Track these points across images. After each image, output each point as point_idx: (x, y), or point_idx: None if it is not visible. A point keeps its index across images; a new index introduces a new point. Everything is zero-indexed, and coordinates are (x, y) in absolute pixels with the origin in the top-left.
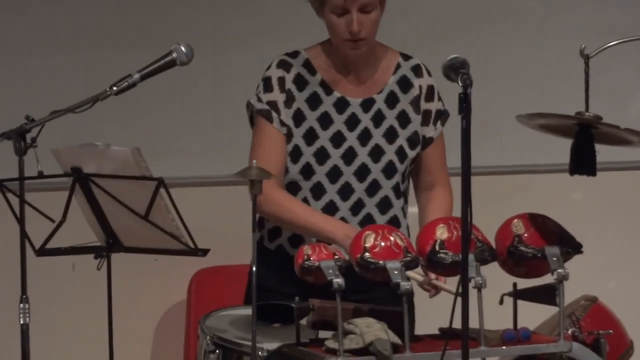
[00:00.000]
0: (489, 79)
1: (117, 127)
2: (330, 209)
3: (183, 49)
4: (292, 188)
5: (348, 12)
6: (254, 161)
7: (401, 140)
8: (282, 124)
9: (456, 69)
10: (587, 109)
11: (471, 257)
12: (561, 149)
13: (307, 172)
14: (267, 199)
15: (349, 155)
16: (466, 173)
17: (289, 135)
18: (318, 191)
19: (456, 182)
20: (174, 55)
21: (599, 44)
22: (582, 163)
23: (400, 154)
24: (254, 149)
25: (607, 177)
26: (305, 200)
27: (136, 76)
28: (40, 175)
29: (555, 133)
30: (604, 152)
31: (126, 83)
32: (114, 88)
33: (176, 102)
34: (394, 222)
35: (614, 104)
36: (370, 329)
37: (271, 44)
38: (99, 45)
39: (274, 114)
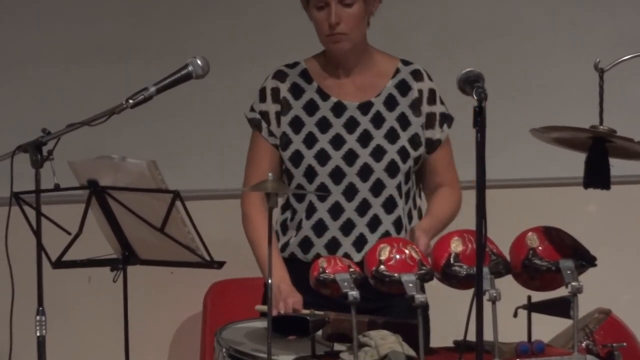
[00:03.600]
0: (503, 92)
1: (133, 140)
2: (336, 211)
3: (199, 62)
4: (298, 198)
5: (329, 4)
6: (270, 174)
7: (403, 141)
8: (271, 133)
9: (471, 83)
10: (601, 122)
11: (485, 270)
12: (575, 162)
13: (310, 174)
14: (243, 208)
15: (350, 156)
16: (481, 186)
17: (287, 142)
18: (322, 199)
19: (471, 195)
20: (190, 68)
21: (613, 58)
22: (597, 176)
23: (403, 153)
24: (247, 160)
25: (621, 190)
26: (310, 204)
27: (152, 89)
28: (57, 187)
29: (569, 146)
30: (618, 166)
31: (142, 96)
32: (130, 101)
33: (192, 116)
34: (398, 224)
35: (628, 118)
36: (385, 342)
37: (284, 60)
38: (115, 58)
39: (264, 124)
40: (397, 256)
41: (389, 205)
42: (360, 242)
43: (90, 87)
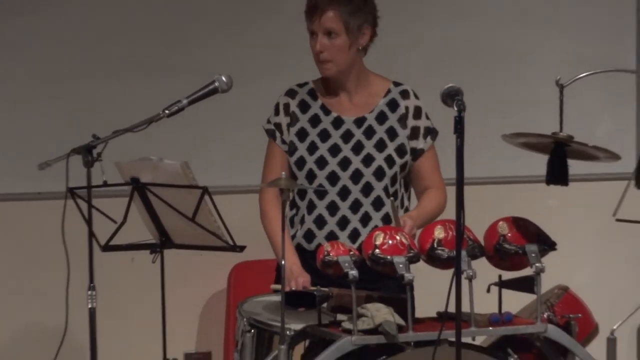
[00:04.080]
0: (479, 104)
1: (169, 144)
2: (332, 208)
3: (224, 78)
4: (301, 191)
5: (314, 32)
6: (283, 173)
7: (390, 150)
8: (283, 142)
9: (452, 96)
10: (561, 130)
11: (463, 253)
12: (539, 163)
13: (310, 176)
14: (261, 202)
15: (345, 163)
16: (460, 183)
17: (294, 149)
18: (321, 193)
19: (451, 191)
20: (216, 84)
21: (572, 75)
22: (557, 175)
23: (389, 161)
24: (264, 163)
25: (577, 187)
26: (310, 201)
27: (184, 101)
28: (105, 184)
29: (534, 150)
30: (575, 166)
31: (176, 107)
32: (166, 111)
33: (218, 123)
34: (386, 219)
35: (583, 126)
36: (380, 313)
37: (294, 75)
38: (150, 73)
39: (277, 134)
40: (390, 241)
41: (378, 204)
42: (354, 235)
43: (130, 98)
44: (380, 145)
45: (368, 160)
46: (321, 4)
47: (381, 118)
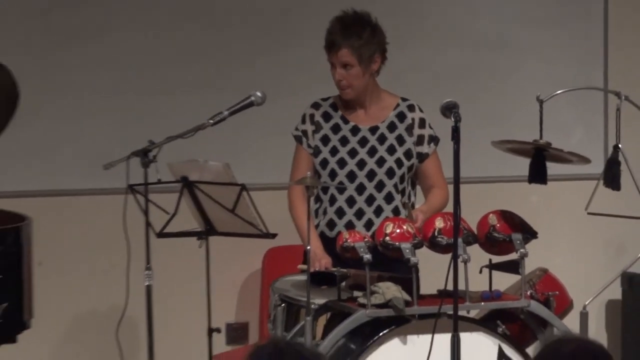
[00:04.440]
0: (472, 116)
1: (213, 148)
2: (350, 202)
3: (259, 94)
4: (324, 187)
5: (334, 64)
6: (308, 172)
7: (399, 154)
8: (309, 146)
9: (450, 109)
10: (541, 137)
11: (460, 240)
12: (522, 165)
13: (332, 175)
14: (289, 198)
15: (361, 164)
16: (456, 181)
17: (318, 152)
18: (341, 189)
19: (450, 188)
20: (252, 98)
21: (549, 92)
22: (537, 175)
23: (398, 162)
24: (292, 164)
25: (555, 185)
26: (332, 196)
27: (225, 112)
28: (159, 181)
29: (518, 154)
30: (552, 168)
31: (219, 117)
32: (210, 121)
33: (254, 130)
34: (396, 211)
35: (559, 134)
36: (390, 290)
37: (317, 91)
38: (197, 89)
39: (304, 139)
40: (398, 230)
41: (389, 198)
42: (369, 224)
43: (180, 110)
44: (391, 150)
45: (381, 162)
46: (337, 41)
47: (391, 127)
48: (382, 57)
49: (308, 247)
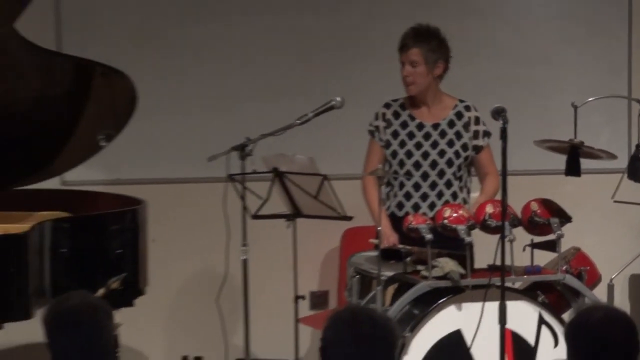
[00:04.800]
0: (517, 119)
1: (301, 143)
2: (416, 187)
3: (339, 99)
4: (393, 177)
5: (403, 63)
6: (380, 165)
7: (457, 147)
8: (380, 139)
9: (499, 113)
10: (575, 137)
11: (507, 223)
12: (559, 160)
13: (401, 164)
14: (363, 186)
15: (425, 155)
16: (504, 173)
17: (389, 145)
18: (408, 178)
19: (500, 178)
20: (333, 103)
21: (582, 100)
22: (572, 169)
23: (457, 154)
24: (366, 155)
25: (586, 177)
26: (401, 182)
27: (310, 114)
28: (254, 172)
29: (556, 151)
30: (584, 163)
31: (305, 118)
32: (298, 121)
33: (334, 129)
34: (454, 195)
35: (590, 135)
36: (447, 264)
37: (393, 93)
38: (286, 94)
39: (376, 134)
40: (455, 214)
41: (448, 184)
42: (432, 206)
43: (271, 111)
44: (450, 143)
45: (442, 153)
46: (409, 43)
47: (451, 124)
48: (444, 66)
49: (379, 228)
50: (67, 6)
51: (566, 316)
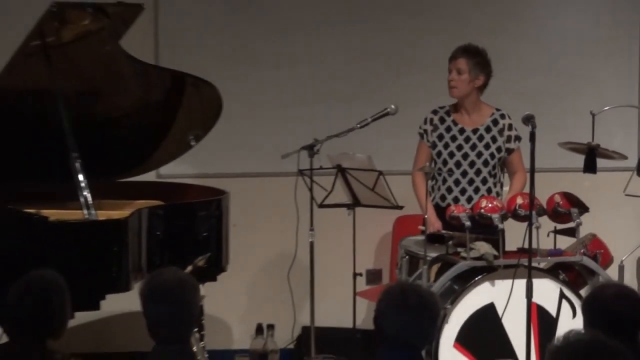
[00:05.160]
0: (544, 124)
1: (359, 144)
2: (456, 183)
3: (393, 106)
4: (438, 173)
5: (450, 70)
6: (427, 163)
7: (492, 149)
8: (428, 141)
9: (529, 119)
10: (592, 140)
11: (534, 213)
12: (579, 159)
13: (444, 163)
14: (413, 180)
15: (465, 156)
16: (532, 170)
17: (434, 146)
18: (450, 173)
19: (527, 175)
20: (388, 110)
21: (599, 108)
22: (589, 167)
23: (492, 155)
24: (416, 153)
25: (601, 174)
26: (444, 178)
27: (369, 119)
28: (321, 167)
29: (577, 152)
30: (600, 162)
31: (364, 122)
32: (358, 125)
33: (388, 131)
34: (489, 190)
35: (605, 138)
36: (483, 247)
37: (435, 102)
38: (347, 101)
39: (425, 136)
40: (490, 205)
41: (484, 181)
42: (469, 199)
43: (336, 116)
44: (487, 146)
45: (479, 155)
46: (458, 54)
47: (488, 130)
48: (485, 80)
49: (426, 216)
50: (163, 25)
51: (583, 292)
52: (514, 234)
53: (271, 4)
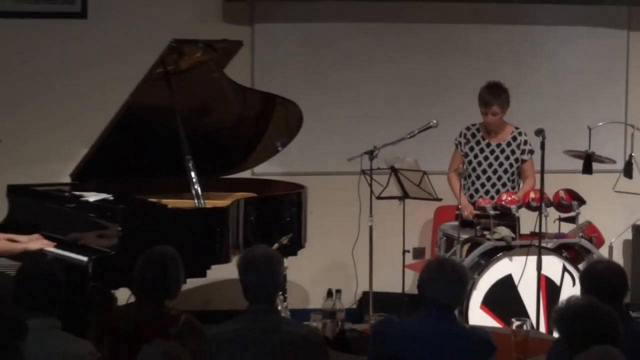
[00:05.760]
0: (552, 136)
1: (409, 150)
2: (482, 186)
3: (435, 121)
4: (468, 175)
5: (487, 114)
6: (461, 165)
7: (511, 160)
8: (461, 150)
9: (540, 132)
10: (589, 148)
11: (543, 204)
12: (579, 163)
13: (473, 170)
14: (449, 178)
15: (490, 165)
16: (542, 171)
17: (466, 155)
18: (478, 178)
19: (537, 176)
20: (431, 124)
21: (595, 123)
22: (587, 169)
23: (510, 165)
24: (451, 159)
25: (596, 175)
26: (472, 181)
27: (416, 131)
28: (378, 168)
29: (578, 157)
30: (595, 166)
31: (412, 134)
32: (408, 135)
33: (431, 141)
34: (513, 183)
35: (599, 147)
36: (503, 231)
37: (468, 120)
38: (398, 116)
39: (458, 146)
40: (509, 198)
41: (504, 185)
42: (492, 198)
43: (389, 127)
44: (507, 157)
45: (501, 164)
46: (490, 101)
47: (508, 144)
48: (508, 108)
49: (459, 205)
50: (258, 57)
51: (581, 266)
52: (527, 221)
53: (339, 41)
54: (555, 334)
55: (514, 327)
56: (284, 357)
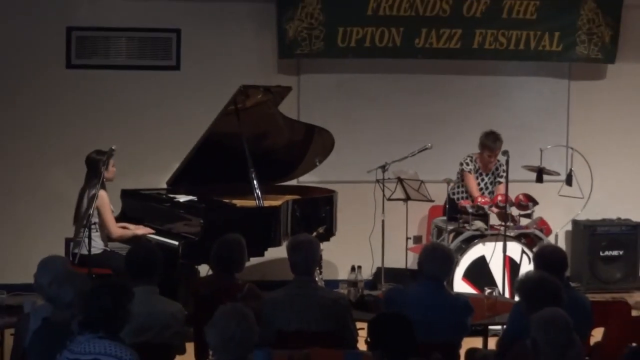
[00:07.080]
0: (515, 155)
1: (412, 164)
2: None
3: (429, 145)
4: (461, 185)
5: (490, 158)
6: (454, 179)
7: (494, 181)
8: (470, 172)
9: (505, 153)
10: (540, 164)
11: (507, 205)
12: (533, 175)
13: (479, 184)
14: (475, 198)
15: (485, 184)
16: (507, 181)
17: (471, 175)
18: (480, 188)
19: (503, 187)
20: (427, 146)
21: (545, 146)
22: (539, 179)
23: (492, 184)
24: (466, 180)
25: (546, 184)
26: (463, 190)
27: (416, 151)
28: (389, 178)
29: (532, 171)
30: (545, 177)
31: (413, 153)
32: (410, 154)
33: (435, 158)
34: (492, 195)
35: (548, 163)
36: (478, 223)
37: (471, 148)
38: (408, 136)
39: (468, 169)
40: (483, 200)
41: (491, 194)
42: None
43: (398, 146)
44: (492, 181)
45: (486, 185)
46: (493, 147)
47: (493, 172)
48: None
49: (478, 197)
50: (303, 97)
51: (535, 249)
52: (496, 217)
53: (363, 87)
54: (517, 298)
55: (486, 293)
56: (320, 314)
